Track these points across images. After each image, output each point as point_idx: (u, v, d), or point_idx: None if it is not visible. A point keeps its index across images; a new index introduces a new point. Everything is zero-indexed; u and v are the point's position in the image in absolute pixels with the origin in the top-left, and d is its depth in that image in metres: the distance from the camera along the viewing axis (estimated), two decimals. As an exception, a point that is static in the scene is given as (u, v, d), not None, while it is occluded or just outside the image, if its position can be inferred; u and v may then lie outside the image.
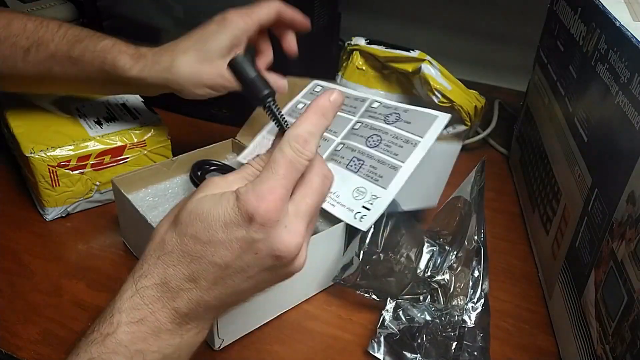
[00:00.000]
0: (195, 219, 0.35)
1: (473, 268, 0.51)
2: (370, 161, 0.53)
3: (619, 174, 0.43)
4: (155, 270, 0.35)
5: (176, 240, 0.35)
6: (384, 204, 0.49)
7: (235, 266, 0.35)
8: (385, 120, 0.56)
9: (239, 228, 0.34)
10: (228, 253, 0.34)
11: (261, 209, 0.34)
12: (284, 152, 0.35)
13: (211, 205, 0.35)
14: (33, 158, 0.60)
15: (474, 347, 0.49)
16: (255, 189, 0.34)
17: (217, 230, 0.34)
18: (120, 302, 0.35)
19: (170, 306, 0.35)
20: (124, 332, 0.34)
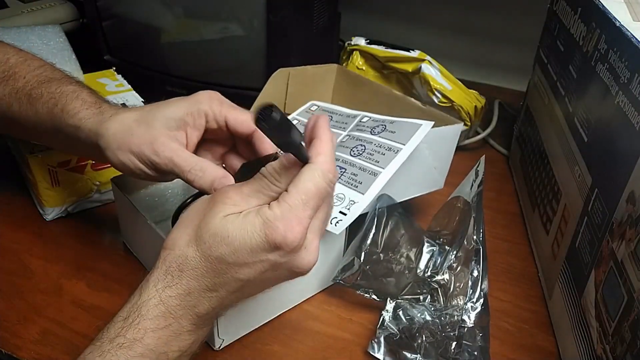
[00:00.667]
0: (220, 242, 0.36)
1: (472, 268, 0.51)
2: (352, 169, 0.54)
3: (619, 174, 0.43)
4: (179, 282, 0.37)
5: (200, 258, 0.37)
6: (360, 208, 0.51)
7: (256, 281, 0.38)
8: (371, 132, 0.58)
9: (264, 253, 0.36)
10: (251, 271, 0.37)
11: (289, 240, 0.36)
12: (318, 186, 0.37)
13: (236, 229, 0.36)
14: (33, 158, 0.59)
15: (474, 347, 0.49)
16: (284, 218, 0.36)
17: (243, 254, 0.36)
18: (145, 310, 0.37)
19: (193, 312, 0.38)
20: (150, 338, 0.36)
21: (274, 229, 0.36)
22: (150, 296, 0.37)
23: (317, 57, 0.87)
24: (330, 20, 0.88)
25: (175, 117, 0.45)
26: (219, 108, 0.46)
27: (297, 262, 0.38)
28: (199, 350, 0.41)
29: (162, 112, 0.45)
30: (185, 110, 0.45)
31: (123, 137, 0.45)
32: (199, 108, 0.45)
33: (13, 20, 0.87)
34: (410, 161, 0.54)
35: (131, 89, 0.72)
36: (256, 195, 0.38)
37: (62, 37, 0.75)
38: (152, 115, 0.45)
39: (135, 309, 0.37)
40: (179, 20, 0.82)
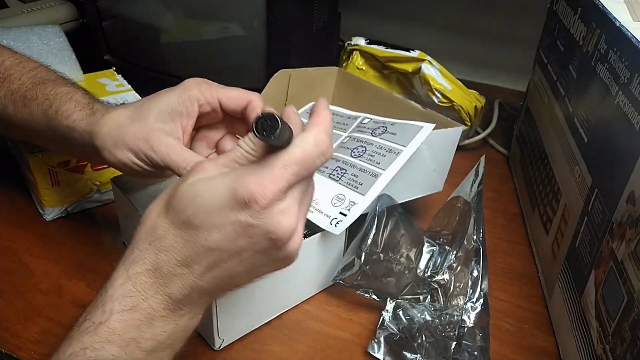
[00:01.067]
0: (187, 204, 0.34)
1: (472, 268, 0.51)
2: (353, 170, 0.54)
3: (619, 174, 0.43)
4: (147, 255, 0.35)
5: (168, 225, 0.34)
6: (361, 209, 0.51)
7: (229, 250, 0.34)
8: (372, 133, 0.58)
9: (233, 212, 0.33)
10: (222, 237, 0.34)
11: (257, 195, 0.33)
12: (306, 153, 0.34)
13: (204, 188, 0.34)
14: (33, 158, 0.59)
15: (474, 346, 0.49)
16: (256, 174, 0.33)
17: (211, 213, 0.33)
18: (112, 290, 0.34)
19: (164, 292, 0.35)
20: (116, 320, 0.34)
21: (242, 184, 0.33)
22: (118, 275, 0.35)
23: (317, 57, 0.87)
24: (330, 20, 0.88)
25: (167, 109, 0.45)
26: (209, 90, 0.46)
27: (272, 226, 0.34)
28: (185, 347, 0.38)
29: (154, 105, 0.45)
30: (176, 100, 0.45)
31: (118, 134, 0.44)
32: (189, 95, 0.45)
33: (13, 20, 0.87)
34: (410, 163, 0.54)
35: (131, 89, 0.72)
36: (231, 165, 0.36)
37: (62, 37, 0.75)
38: (145, 110, 0.45)
39: (103, 291, 0.35)
40: (179, 20, 0.82)
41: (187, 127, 0.46)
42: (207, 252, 0.34)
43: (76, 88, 0.51)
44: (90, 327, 0.34)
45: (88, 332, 0.34)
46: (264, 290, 0.50)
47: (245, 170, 0.34)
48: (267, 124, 0.32)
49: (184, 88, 0.46)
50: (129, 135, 0.44)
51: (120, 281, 0.34)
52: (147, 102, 0.46)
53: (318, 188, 0.54)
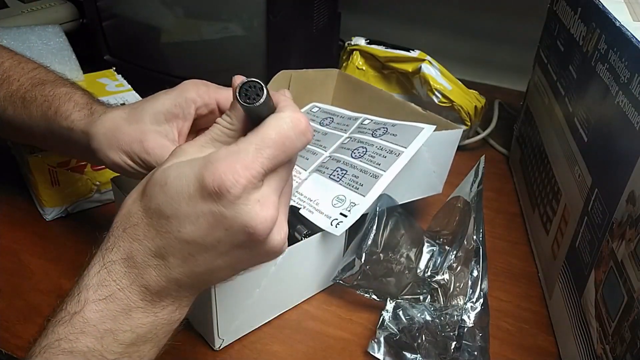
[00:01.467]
0: (157, 191, 0.32)
1: (472, 268, 0.51)
2: (353, 171, 0.54)
3: (619, 174, 0.43)
4: (121, 243, 0.33)
5: (142, 213, 0.33)
6: (361, 210, 0.51)
7: (205, 243, 0.32)
8: (372, 134, 0.58)
9: (204, 202, 0.31)
10: (195, 228, 0.31)
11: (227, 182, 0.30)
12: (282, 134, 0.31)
13: (174, 174, 0.32)
14: (33, 158, 0.60)
15: (474, 346, 0.49)
16: (226, 159, 0.30)
17: (180, 203, 0.31)
18: (88, 278, 0.33)
19: (139, 283, 0.33)
20: (91, 311, 0.32)
21: (210, 170, 0.30)
22: (94, 263, 0.33)
23: (317, 57, 0.87)
24: (330, 20, 0.88)
25: (163, 111, 0.44)
26: (207, 92, 0.44)
27: (248, 218, 0.31)
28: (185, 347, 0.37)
29: (150, 107, 0.44)
30: (173, 101, 0.44)
31: (113, 136, 0.44)
32: (186, 97, 0.44)
33: (13, 20, 0.87)
34: (410, 165, 0.54)
35: (131, 89, 0.72)
36: (212, 144, 0.34)
37: (62, 37, 0.75)
38: (141, 112, 0.44)
39: (79, 281, 0.33)
40: (179, 20, 0.82)
41: (183, 129, 0.45)
42: (180, 244, 0.32)
43: (75, 88, 0.50)
44: (66, 317, 0.32)
45: (63, 323, 0.32)
46: (264, 290, 0.50)
47: (215, 154, 0.31)
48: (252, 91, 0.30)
49: (181, 90, 0.44)
50: (123, 137, 0.43)
51: (96, 269, 0.33)
52: (144, 103, 0.45)
53: (318, 188, 0.54)
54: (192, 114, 0.44)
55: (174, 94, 0.44)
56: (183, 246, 0.32)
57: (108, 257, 0.33)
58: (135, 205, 0.33)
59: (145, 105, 0.44)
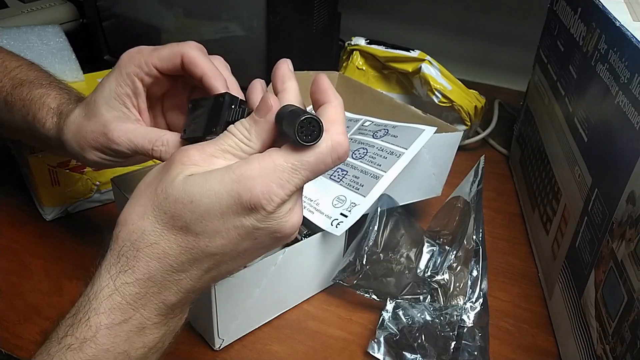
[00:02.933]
0: (183, 209, 0.31)
1: (472, 268, 0.51)
2: (354, 171, 0.54)
3: (619, 174, 0.43)
4: (136, 264, 0.32)
5: (161, 231, 0.31)
6: (362, 211, 0.51)
7: (232, 252, 0.32)
8: (373, 136, 0.58)
9: (237, 216, 0.31)
10: (225, 242, 0.31)
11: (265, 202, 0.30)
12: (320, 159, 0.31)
13: (201, 192, 0.31)
14: (33, 158, 0.59)
15: (474, 346, 0.49)
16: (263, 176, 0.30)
17: (212, 220, 0.31)
18: (97, 302, 0.31)
19: (157, 300, 0.32)
20: (104, 336, 0.31)
21: (246, 187, 0.30)
22: (102, 285, 0.32)
23: (317, 57, 0.87)
24: (330, 20, 0.88)
25: (112, 95, 0.42)
26: (143, 60, 0.42)
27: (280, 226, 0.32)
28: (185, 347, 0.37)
29: (99, 96, 0.43)
30: (115, 83, 0.42)
31: (80, 137, 0.43)
32: (126, 73, 0.42)
33: (13, 20, 0.87)
34: (410, 166, 0.54)
35: (131, 89, 0.72)
36: (222, 155, 0.33)
37: (62, 37, 0.75)
38: (94, 104, 0.43)
39: (85, 302, 0.32)
40: (179, 20, 0.82)
41: (141, 105, 0.43)
42: (207, 257, 0.32)
43: (50, 88, 0.48)
44: (74, 343, 0.31)
45: (72, 349, 0.31)
46: (264, 290, 0.50)
47: (249, 170, 0.30)
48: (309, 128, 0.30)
49: (119, 67, 0.42)
50: (88, 135, 0.42)
51: (106, 292, 0.32)
52: (95, 94, 0.43)
53: (318, 188, 0.54)
54: (139, 87, 0.42)
55: (115, 74, 0.42)
56: (209, 258, 0.32)
57: (121, 280, 0.32)
58: (148, 223, 0.32)
59: (96, 95, 0.43)
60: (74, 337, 0.31)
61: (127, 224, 0.33)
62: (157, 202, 0.32)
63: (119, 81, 0.42)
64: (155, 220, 0.32)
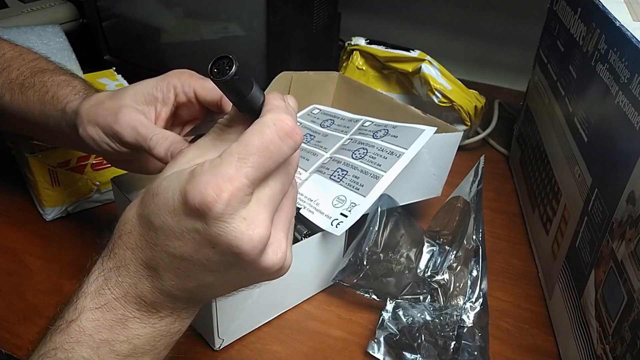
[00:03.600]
0: (150, 200, 0.31)
1: (471, 268, 0.51)
2: (354, 171, 0.54)
3: (619, 174, 0.43)
4: (117, 250, 0.32)
5: (136, 221, 0.32)
6: (361, 211, 0.51)
7: (193, 259, 0.30)
8: (373, 136, 0.58)
9: (188, 218, 0.29)
10: (181, 244, 0.30)
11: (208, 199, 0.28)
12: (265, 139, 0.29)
13: (165, 185, 0.30)
14: (33, 158, 0.59)
15: (474, 346, 0.49)
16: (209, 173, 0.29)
17: (166, 216, 0.30)
18: (87, 285, 0.32)
19: (134, 293, 0.32)
20: (87, 319, 0.31)
21: (193, 185, 0.28)
22: (94, 269, 0.32)
23: (317, 57, 0.87)
24: (330, 20, 0.88)
25: (144, 92, 0.44)
26: (188, 80, 0.44)
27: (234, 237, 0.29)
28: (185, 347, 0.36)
29: (133, 87, 0.45)
30: (154, 84, 0.45)
31: (94, 110, 0.44)
32: (168, 82, 0.44)
33: (13, 20, 0.87)
34: (410, 166, 0.54)
35: (131, 89, 0.72)
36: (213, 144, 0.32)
37: (62, 37, 0.75)
38: (124, 91, 0.45)
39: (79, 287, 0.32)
40: (179, 20, 0.82)
41: (162, 113, 0.45)
42: (169, 258, 0.31)
43: (74, 76, 0.51)
44: (63, 325, 0.31)
45: (60, 331, 0.31)
46: (264, 290, 0.50)
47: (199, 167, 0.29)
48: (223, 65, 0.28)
49: (165, 75, 0.45)
50: (102, 110, 0.44)
51: (94, 276, 0.32)
52: (130, 86, 0.46)
53: (318, 188, 0.54)
54: (172, 99, 0.44)
55: (158, 79, 0.45)
56: (172, 260, 0.31)
57: (106, 264, 0.32)
58: (131, 212, 0.32)
59: (130, 87, 0.45)
60: (63, 319, 0.32)
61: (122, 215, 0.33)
62: (143, 195, 0.32)
63: (157, 85, 0.45)
64: (135, 210, 0.32)
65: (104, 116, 0.43)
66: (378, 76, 0.87)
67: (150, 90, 0.44)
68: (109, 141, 0.44)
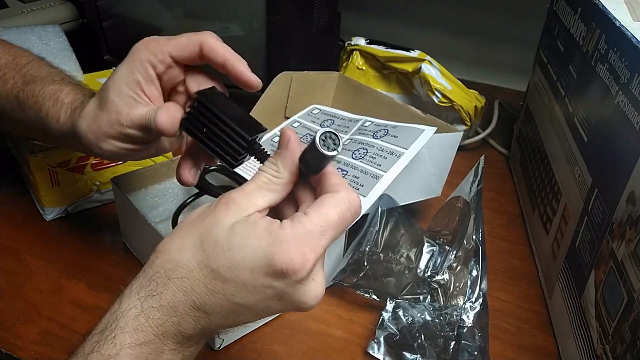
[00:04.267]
0: (220, 253, 0.33)
1: (471, 268, 0.51)
2: (354, 171, 0.54)
3: (619, 174, 0.43)
4: (165, 291, 0.33)
5: (194, 267, 0.33)
6: (362, 211, 0.50)
7: (254, 307, 0.34)
8: (373, 136, 0.58)
9: (267, 277, 0.32)
10: (250, 296, 0.33)
11: (297, 267, 0.32)
12: (343, 217, 0.34)
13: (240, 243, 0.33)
14: (33, 158, 0.59)
15: (473, 346, 0.49)
16: (296, 242, 0.32)
17: (243, 272, 0.32)
18: (124, 321, 0.33)
19: (176, 329, 0.34)
20: (127, 355, 0.32)
21: (282, 252, 0.32)
22: (131, 305, 0.33)
23: (317, 57, 0.87)
24: (330, 20, 0.88)
25: (124, 82, 0.42)
26: (158, 47, 0.42)
27: (304, 296, 0.33)
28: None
29: (112, 84, 0.43)
30: (127, 70, 0.42)
31: (96, 128, 0.43)
32: (139, 60, 0.42)
33: (13, 20, 0.87)
34: (411, 166, 0.54)
35: (131, 89, 0.72)
36: (259, 192, 0.35)
37: (62, 37, 0.75)
38: (107, 93, 0.43)
39: (113, 320, 0.33)
40: (179, 20, 0.82)
41: (152, 92, 0.43)
42: (229, 305, 0.33)
43: (64, 84, 0.49)
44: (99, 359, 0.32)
45: None
46: (264, 290, 0.49)
47: (284, 233, 0.32)
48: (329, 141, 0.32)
49: (132, 54, 0.43)
50: (103, 125, 0.43)
51: (133, 312, 0.33)
52: (107, 83, 0.44)
53: None
54: (152, 74, 0.43)
55: (128, 61, 0.43)
56: (231, 306, 0.33)
57: (148, 303, 0.33)
58: (184, 257, 0.34)
59: (109, 84, 0.43)
60: (99, 353, 0.32)
61: (164, 253, 0.34)
62: (199, 240, 0.34)
63: (130, 68, 0.42)
64: (192, 256, 0.33)
65: (110, 127, 0.43)
66: (378, 76, 0.87)
67: (127, 77, 0.42)
68: (128, 145, 0.44)
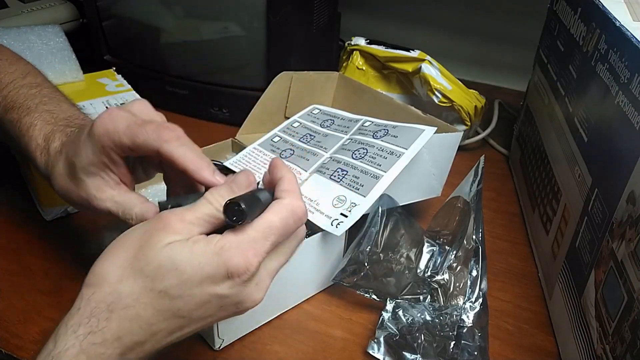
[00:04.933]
0: (166, 274, 0.33)
1: (471, 268, 0.51)
2: (354, 171, 0.54)
3: (619, 174, 0.43)
4: (108, 325, 0.32)
5: (139, 294, 0.33)
6: (362, 211, 0.51)
7: (197, 316, 0.35)
8: (373, 136, 0.58)
9: (214, 285, 0.34)
10: (194, 307, 0.34)
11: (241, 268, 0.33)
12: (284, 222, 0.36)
13: (185, 259, 0.33)
14: (33, 158, 0.59)
15: (473, 346, 0.49)
16: (240, 247, 0.34)
17: (191, 286, 0.33)
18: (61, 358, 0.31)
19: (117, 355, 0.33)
20: None
21: (227, 258, 0.33)
22: (68, 345, 0.32)
23: (317, 57, 0.87)
24: (330, 20, 0.88)
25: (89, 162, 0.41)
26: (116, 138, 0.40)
27: (244, 297, 0.35)
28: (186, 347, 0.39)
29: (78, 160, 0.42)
30: (91, 150, 0.41)
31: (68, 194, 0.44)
32: (101, 145, 0.40)
33: (13, 20, 0.87)
34: (410, 167, 0.54)
35: (131, 89, 0.72)
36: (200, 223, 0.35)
37: (62, 37, 0.75)
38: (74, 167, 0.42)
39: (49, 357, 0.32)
40: (179, 20, 0.82)
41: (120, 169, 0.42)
42: (175, 320, 0.34)
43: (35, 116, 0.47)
44: None
45: None
46: (264, 290, 0.50)
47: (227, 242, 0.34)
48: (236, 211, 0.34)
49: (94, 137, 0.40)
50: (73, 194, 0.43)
51: (72, 352, 0.32)
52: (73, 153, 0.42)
53: (319, 188, 0.54)
54: (117, 158, 0.41)
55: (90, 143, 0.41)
56: (177, 321, 0.34)
57: (88, 340, 0.32)
58: (126, 286, 0.33)
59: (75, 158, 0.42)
60: None
61: (102, 286, 0.34)
62: (138, 267, 0.33)
63: (94, 150, 0.41)
64: (134, 283, 0.33)
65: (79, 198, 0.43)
66: (378, 76, 0.87)
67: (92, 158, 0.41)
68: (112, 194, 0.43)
